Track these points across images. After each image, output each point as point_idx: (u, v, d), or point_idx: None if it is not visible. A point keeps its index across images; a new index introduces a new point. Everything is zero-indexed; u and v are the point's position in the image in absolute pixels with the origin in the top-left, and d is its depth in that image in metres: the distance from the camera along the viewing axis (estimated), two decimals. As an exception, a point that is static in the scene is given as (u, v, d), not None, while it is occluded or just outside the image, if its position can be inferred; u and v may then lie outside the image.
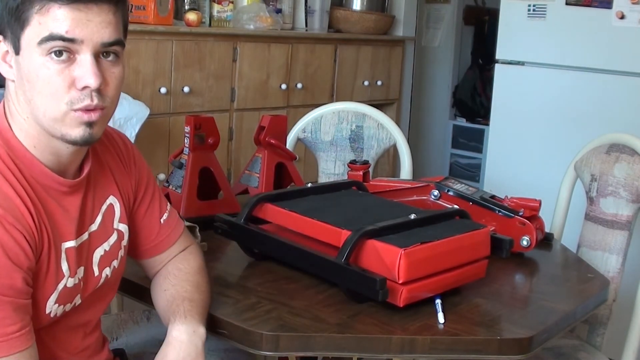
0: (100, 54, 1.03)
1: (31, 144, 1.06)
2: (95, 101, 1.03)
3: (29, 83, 1.02)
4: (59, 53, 1.00)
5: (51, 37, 0.99)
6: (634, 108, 2.75)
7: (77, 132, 1.04)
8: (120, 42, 1.05)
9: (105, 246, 1.18)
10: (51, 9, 0.99)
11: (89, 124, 1.04)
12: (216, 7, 3.09)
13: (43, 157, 1.07)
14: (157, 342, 1.62)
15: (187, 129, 1.69)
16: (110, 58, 1.05)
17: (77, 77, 1.01)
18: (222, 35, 2.98)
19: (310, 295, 1.32)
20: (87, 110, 1.03)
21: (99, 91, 1.03)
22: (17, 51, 1.03)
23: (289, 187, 1.88)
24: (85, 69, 1.01)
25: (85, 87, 1.02)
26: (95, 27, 1.01)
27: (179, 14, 2.95)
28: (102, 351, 1.28)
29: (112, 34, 1.03)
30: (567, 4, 2.89)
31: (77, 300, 1.14)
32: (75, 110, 1.02)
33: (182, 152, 1.72)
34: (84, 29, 1.00)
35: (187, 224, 1.42)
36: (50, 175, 1.07)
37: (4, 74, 1.06)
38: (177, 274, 1.27)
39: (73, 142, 1.05)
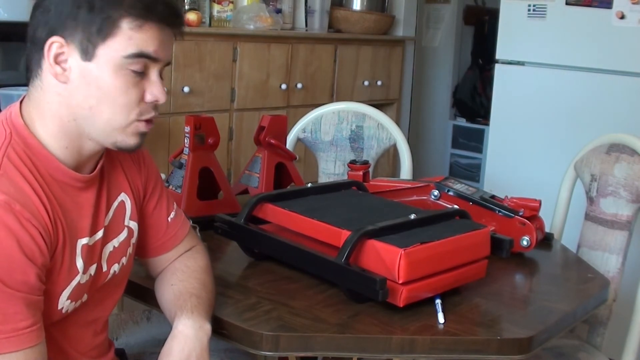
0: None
1: (63, 144, 1.08)
2: (156, 114, 1.12)
3: (98, 90, 1.05)
4: (138, 67, 1.06)
5: (141, 55, 1.05)
6: (634, 108, 2.75)
7: (133, 140, 1.10)
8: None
9: (115, 242, 1.19)
10: (144, 27, 1.05)
11: (144, 134, 1.12)
12: (216, 7, 3.09)
13: (66, 155, 1.08)
14: (157, 342, 1.63)
15: (187, 129, 1.69)
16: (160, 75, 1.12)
17: (148, 92, 1.09)
18: (222, 35, 2.98)
19: (310, 295, 1.32)
20: (148, 121, 1.11)
21: (157, 105, 1.11)
22: (88, 57, 1.04)
23: (289, 187, 1.88)
24: (157, 86, 1.09)
25: (154, 101, 1.10)
26: (169, 50, 1.11)
27: (179, 14, 2.94)
28: (109, 353, 1.29)
29: (171, 55, 1.13)
30: (567, 4, 2.89)
31: (84, 297, 1.15)
32: (141, 120, 1.09)
33: (182, 152, 1.72)
34: (165, 50, 1.09)
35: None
36: (66, 171, 1.08)
37: (54, 75, 1.05)
38: (185, 270, 1.28)
39: (125, 149, 1.11)
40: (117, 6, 1.03)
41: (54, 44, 1.04)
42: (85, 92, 1.05)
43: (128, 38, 1.04)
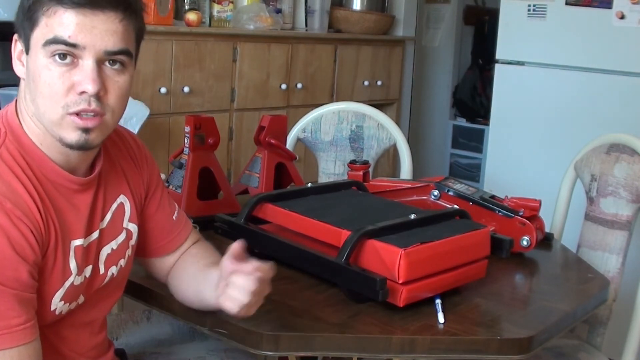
0: (106, 61, 1.04)
1: (37, 141, 1.07)
2: (93, 106, 1.03)
3: (33, 83, 1.04)
4: (62, 56, 1.01)
5: (55, 41, 1.00)
6: (634, 108, 2.75)
7: (72, 136, 1.04)
8: (126, 52, 1.06)
9: (113, 245, 1.19)
10: (57, 12, 1.00)
11: (85, 130, 1.04)
12: (216, 7, 3.09)
13: (52, 155, 1.08)
14: (157, 342, 1.63)
15: (187, 129, 1.69)
16: (115, 66, 1.05)
17: (76, 82, 1.02)
18: (222, 35, 2.98)
19: (310, 295, 1.32)
20: (83, 114, 1.03)
21: (99, 98, 1.03)
22: (27, 50, 1.05)
23: (289, 187, 1.88)
24: (84, 75, 1.02)
25: (83, 92, 1.02)
26: (100, 35, 1.02)
27: (179, 14, 2.95)
28: (108, 353, 1.29)
29: (118, 42, 1.04)
30: (567, 4, 2.89)
31: (81, 299, 1.14)
32: (70, 114, 1.03)
33: (182, 152, 1.72)
34: (88, 35, 1.01)
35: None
36: (61, 172, 1.08)
37: (17, 73, 1.08)
38: (206, 251, 1.31)
39: (69, 146, 1.05)
40: None
41: (16, 42, 1.07)
42: (29, 86, 1.06)
43: (45, 25, 1.01)
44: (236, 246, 1.11)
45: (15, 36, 1.07)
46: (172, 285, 1.28)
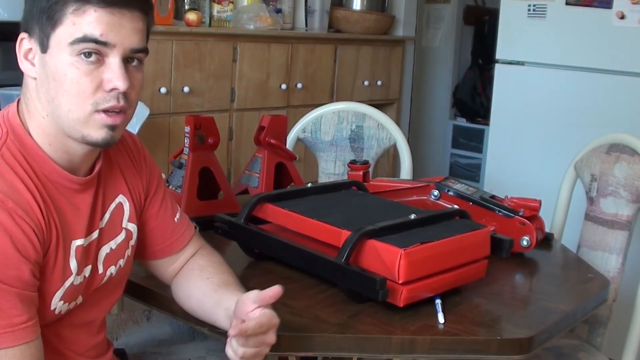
0: (127, 59, 1.06)
1: (46, 141, 1.07)
2: (121, 102, 1.05)
3: (55, 82, 1.04)
4: (88, 54, 1.03)
5: (85, 39, 1.02)
6: (634, 108, 2.75)
7: (99, 134, 1.06)
8: (145, 50, 1.09)
9: (112, 244, 1.19)
10: (87, 11, 1.02)
11: (112, 127, 1.06)
12: (216, 7, 3.10)
13: (56, 155, 1.08)
14: (157, 342, 1.63)
15: (187, 129, 1.69)
16: (134, 63, 1.08)
17: (105, 79, 1.04)
18: (222, 35, 2.98)
19: (310, 295, 1.32)
20: (110, 111, 1.05)
21: (125, 94, 1.06)
22: (44, 49, 1.04)
23: (289, 187, 1.88)
24: (114, 72, 1.04)
25: (113, 89, 1.04)
26: (127, 33, 1.04)
27: (179, 14, 2.95)
28: (108, 353, 1.29)
29: (141, 41, 1.07)
30: (567, 4, 2.89)
31: (79, 299, 1.15)
32: (99, 111, 1.04)
33: (182, 152, 1.72)
34: (117, 33, 1.03)
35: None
36: (62, 172, 1.08)
37: (25, 72, 1.07)
38: (216, 266, 1.29)
39: (94, 144, 1.07)
40: None
41: (23, 40, 1.06)
42: (47, 85, 1.05)
43: (72, 24, 1.02)
44: (269, 294, 1.07)
45: (23, 35, 1.06)
46: (179, 297, 1.28)
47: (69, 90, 1.03)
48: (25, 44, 1.06)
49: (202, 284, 1.25)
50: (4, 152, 1.04)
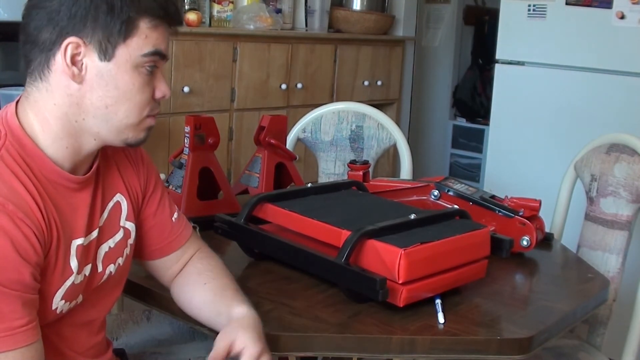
0: None
1: (62, 145, 1.08)
2: (159, 108, 1.15)
3: (117, 90, 1.07)
4: (151, 66, 1.09)
5: (156, 53, 1.09)
6: (634, 108, 2.75)
7: (142, 135, 1.14)
8: None
9: (110, 243, 1.19)
10: (159, 28, 1.09)
11: (151, 129, 1.15)
12: (216, 7, 3.09)
13: (58, 154, 1.08)
14: (157, 342, 1.63)
15: (187, 129, 1.69)
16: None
17: (157, 88, 1.12)
18: (222, 35, 2.98)
19: (310, 295, 1.32)
20: (154, 117, 1.14)
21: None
22: (107, 57, 1.06)
23: (289, 187, 1.88)
24: (164, 83, 1.13)
25: (162, 97, 1.13)
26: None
27: (179, 14, 2.94)
28: (107, 352, 1.29)
29: None
30: (567, 4, 2.89)
31: (79, 298, 1.15)
32: (149, 116, 1.13)
33: (182, 152, 1.72)
34: (168, 48, 1.12)
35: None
36: (61, 172, 1.08)
37: (70, 77, 1.06)
38: (213, 269, 1.30)
39: (135, 144, 1.14)
40: (136, 7, 1.05)
41: (70, 45, 1.04)
42: (101, 92, 1.07)
43: (145, 37, 1.07)
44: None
45: (72, 39, 1.04)
46: (180, 302, 1.28)
47: (131, 98, 1.08)
48: (71, 48, 1.04)
49: (200, 290, 1.26)
50: (3, 154, 1.03)
